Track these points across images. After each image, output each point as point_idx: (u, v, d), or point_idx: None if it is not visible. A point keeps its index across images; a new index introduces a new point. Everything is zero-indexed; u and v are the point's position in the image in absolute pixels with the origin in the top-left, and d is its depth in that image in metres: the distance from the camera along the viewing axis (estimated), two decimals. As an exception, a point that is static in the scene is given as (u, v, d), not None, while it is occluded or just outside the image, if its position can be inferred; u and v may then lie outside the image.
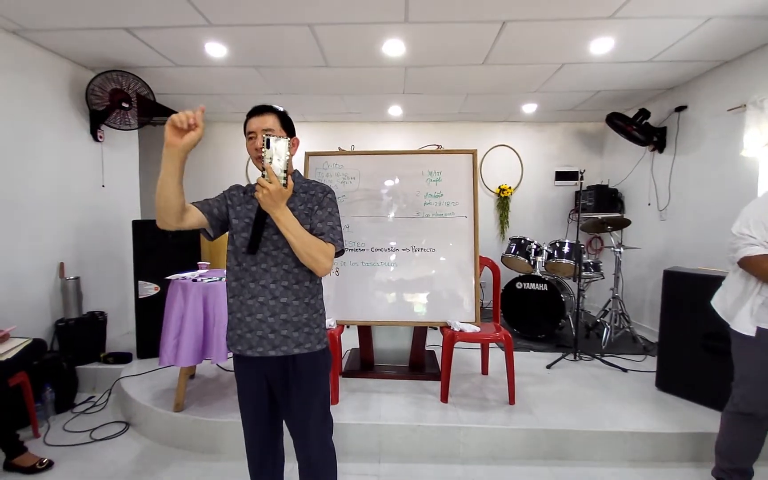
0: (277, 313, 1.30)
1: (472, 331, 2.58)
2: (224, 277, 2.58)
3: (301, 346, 1.33)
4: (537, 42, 2.91)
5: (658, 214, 4.03)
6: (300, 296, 1.33)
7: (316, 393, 1.38)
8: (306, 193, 1.38)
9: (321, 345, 1.38)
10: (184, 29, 2.76)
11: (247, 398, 1.41)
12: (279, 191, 1.16)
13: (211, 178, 5.26)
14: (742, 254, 1.75)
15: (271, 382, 1.37)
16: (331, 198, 1.40)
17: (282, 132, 1.35)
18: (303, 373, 1.34)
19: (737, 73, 3.15)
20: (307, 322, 1.34)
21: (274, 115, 1.35)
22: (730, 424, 1.89)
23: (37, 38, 2.91)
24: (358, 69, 3.46)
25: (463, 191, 2.83)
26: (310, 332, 1.35)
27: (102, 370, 3.07)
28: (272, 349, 1.31)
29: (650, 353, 3.39)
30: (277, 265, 1.31)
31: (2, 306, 2.69)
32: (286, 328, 1.31)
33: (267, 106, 1.37)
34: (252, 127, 1.33)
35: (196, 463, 2.22)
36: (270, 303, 1.30)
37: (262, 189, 1.16)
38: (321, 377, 1.40)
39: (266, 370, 1.35)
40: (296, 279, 1.32)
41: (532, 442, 2.26)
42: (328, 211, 1.36)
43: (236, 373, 1.43)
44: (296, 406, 1.35)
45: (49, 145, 3.09)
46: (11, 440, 2.11)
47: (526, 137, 5.24)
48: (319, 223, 1.33)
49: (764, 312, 1.74)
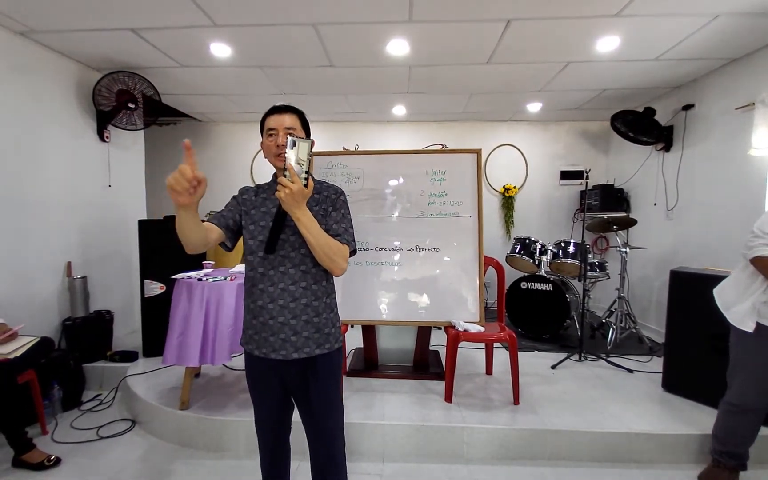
0: (298, 314, 1.30)
1: (476, 331, 2.57)
2: (229, 276, 2.60)
3: (321, 346, 1.33)
4: (542, 41, 2.90)
5: (664, 214, 3.99)
6: (319, 296, 1.33)
7: (335, 391, 1.39)
8: (319, 195, 1.38)
9: (338, 344, 1.39)
10: (190, 30, 2.78)
11: (261, 396, 1.41)
12: (301, 191, 1.16)
13: (215, 178, 5.27)
14: (755, 253, 1.77)
15: (287, 382, 1.37)
16: (344, 200, 1.41)
17: (302, 131, 1.36)
18: (321, 373, 1.35)
19: (745, 71, 3.12)
20: (326, 323, 1.35)
21: (294, 114, 1.36)
22: (726, 415, 1.97)
23: (44, 39, 2.94)
24: (362, 69, 3.46)
25: (467, 191, 2.82)
26: (329, 333, 1.35)
27: (108, 368, 3.10)
28: (295, 352, 1.30)
29: (656, 354, 3.36)
30: (294, 266, 1.31)
31: (11, 304, 2.72)
32: (308, 329, 1.31)
33: (287, 105, 1.37)
34: (272, 124, 1.33)
35: (202, 461, 2.24)
36: (291, 305, 1.30)
37: (284, 189, 1.15)
38: (337, 374, 1.41)
39: (283, 372, 1.35)
40: (314, 279, 1.33)
41: (537, 443, 2.25)
42: (342, 212, 1.37)
43: (249, 370, 1.41)
44: (316, 404, 1.35)
45: (56, 145, 3.13)
46: (20, 437, 2.14)
47: (530, 136, 5.21)
48: (334, 225, 1.34)
49: (767, 309, 1.78)
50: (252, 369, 1.41)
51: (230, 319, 2.43)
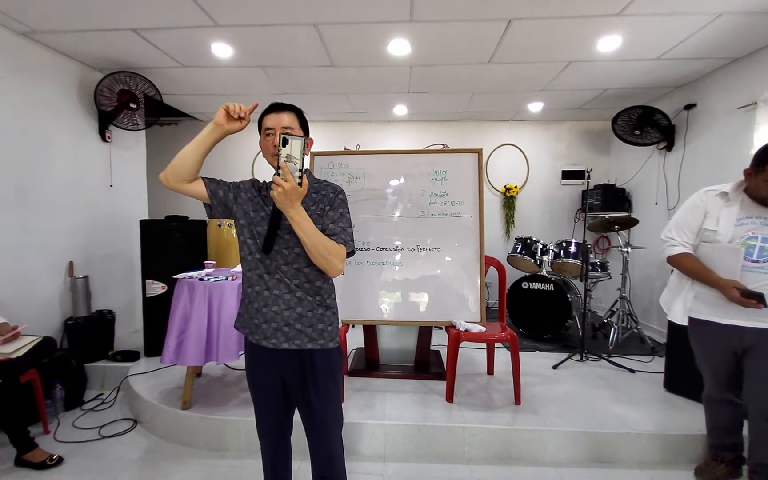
0: (292, 307, 1.31)
1: (477, 330, 2.57)
2: (230, 276, 2.60)
3: (314, 341, 1.33)
4: (543, 40, 2.89)
5: (666, 213, 3.98)
6: (312, 294, 1.33)
7: (334, 390, 1.39)
8: (317, 194, 1.37)
9: (333, 343, 1.38)
10: (191, 30, 2.78)
11: (260, 391, 1.41)
12: (294, 190, 1.16)
13: (217, 175, 5.29)
14: (666, 254, 1.99)
15: (285, 378, 1.37)
16: (342, 198, 1.39)
17: (300, 130, 1.36)
18: (319, 370, 1.34)
19: (747, 70, 3.11)
20: (320, 319, 1.34)
21: (292, 113, 1.35)
22: (706, 409, 2.10)
23: (46, 40, 2.95)
24: (364, 68, 3.46)
25: (468, 191, 2.82)
26: (323, 330, 1.35)
27: (110, 367, 3.11)
28: (286, 342, 1.31)
29: (658, 354, 3.35)
30: (287, 264, 1.31)
31: (13, 304, 2.73)
32: (300, 322, 1.31)
33: (285, 103, 1.36)
34: (270, 123, 1.33)
35: (203, 460, 2.24)
36: (285, 297, 1.31)
37: (277, 187, 1.15)
38: (337, 374, 1.41)
39: (281, 365, 1.35)
40: (307, 278, 1.32)
41: (538, 443, 2.25)
42: (340, 211, 1.35)
43: (249, 363, 1.42)
44: (314, 403, 1.35)
45: (58, 145, 3.13)
46: (22, 436, 2.15)
47: (532, 136, 5.21)
48: (331, 224, 1.32)
49: (696, 304, 1.94)
50: (250, 359, 1.42)
51: (232, 319, 2.44)
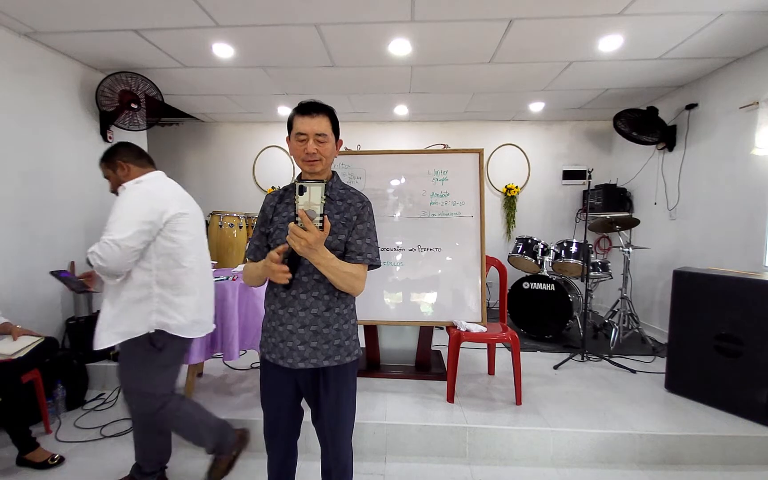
0: (307, 324, 1.28)
1: (478, 331, 2.57)
2: (231, 276, 2.61)
3: (330, 358, 1.30)
4: (544, 40, 2.89)
5: (667, 214, 3.98)
6: (331, 307, 1.30)
7: (345, 399, 1.37)
8: (343, 202, 1.32)
9: (351, 357, 1.35)
10: (192, 30, 2.79)
11: (273, 402, 1.40)
12: (317, 240, 1.11)
13: (217, 177, 5.30)
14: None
15: (301, 386, 1.38)
16: (370, 211, 1.35)
17: (332, 136, 1.31)
18: (331, 383, 1.33)
19: (749, 70, 3.10)
20: (337, 334, 1.31)
21: (325, 116, 1.28)
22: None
23: (48, 40, 2.95)
24: (365, 68, 3.46)
25: (469, 191, 2.82)
26: (341, 345, 1.32)
27: (112, 367, 3.10)
28: (302, 361, 1.28)
29: (659, 354, 3.35)
30: (306, 292, 1.28)
31: (16, 304, 2.73)
32: (316, 339, 1.28)
33: (319, 104, 1.28)
34: (303, 128, 1.25)
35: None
36: (300, 314, 1.28)
37: (299, 240, 1.10)
38: (350, 385, 1.39)
39: (297, 377, 1.36)
40: (327, 289, 1.30)
41: (539, 443, 2.25)
42: (368, 225, 1.32)
43: (263, 373, 1.41)
44: (325, 411, 1.35)
45: (60, 145, 3.14)
46: (24, 436, 2.15)
47: (533, 136, 5.20)
48: (358, 240, 1.29)
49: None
50: (265, 378, 1.40)
51: (233, 319, 2.44)
